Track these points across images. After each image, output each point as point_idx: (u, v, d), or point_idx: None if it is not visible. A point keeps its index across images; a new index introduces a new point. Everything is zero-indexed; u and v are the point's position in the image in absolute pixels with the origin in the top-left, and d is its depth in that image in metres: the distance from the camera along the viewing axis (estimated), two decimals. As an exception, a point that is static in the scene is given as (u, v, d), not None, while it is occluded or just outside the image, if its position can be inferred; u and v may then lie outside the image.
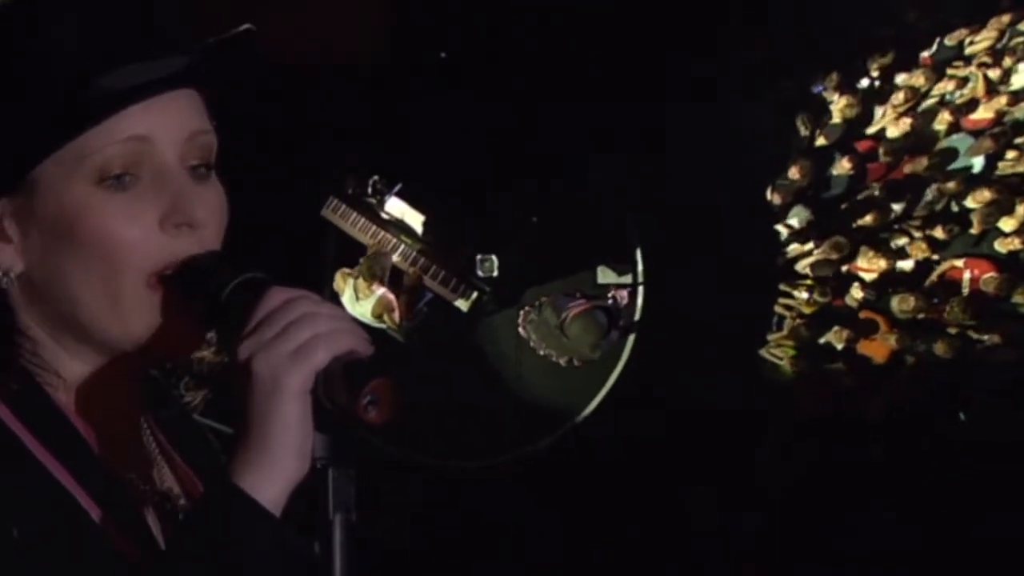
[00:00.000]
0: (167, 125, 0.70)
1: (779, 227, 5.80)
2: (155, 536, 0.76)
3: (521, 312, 4.27)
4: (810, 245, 5.81)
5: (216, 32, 0.71)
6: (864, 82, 5.79)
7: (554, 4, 4.84)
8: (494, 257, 4.21)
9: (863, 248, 5.73)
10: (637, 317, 4.97)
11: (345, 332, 0.65)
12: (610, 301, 3.94)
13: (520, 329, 4.43)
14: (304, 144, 3.98)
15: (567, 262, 4.75)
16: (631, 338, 5.08)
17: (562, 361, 4.64)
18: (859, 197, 5.80)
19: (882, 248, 5.70)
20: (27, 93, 0.67)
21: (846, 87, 5.62)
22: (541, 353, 4.60)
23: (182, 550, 0.65)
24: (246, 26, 0.72)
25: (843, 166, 5.66)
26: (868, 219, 5.67)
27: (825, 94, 5.67)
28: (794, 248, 5.82)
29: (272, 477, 0.63)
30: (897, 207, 5.78)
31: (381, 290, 4.00)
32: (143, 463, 0.83)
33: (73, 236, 0.68)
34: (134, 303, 0.70)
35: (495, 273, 4.26)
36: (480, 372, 5.23)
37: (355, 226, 4.26)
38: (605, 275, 5.08)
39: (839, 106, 5.60)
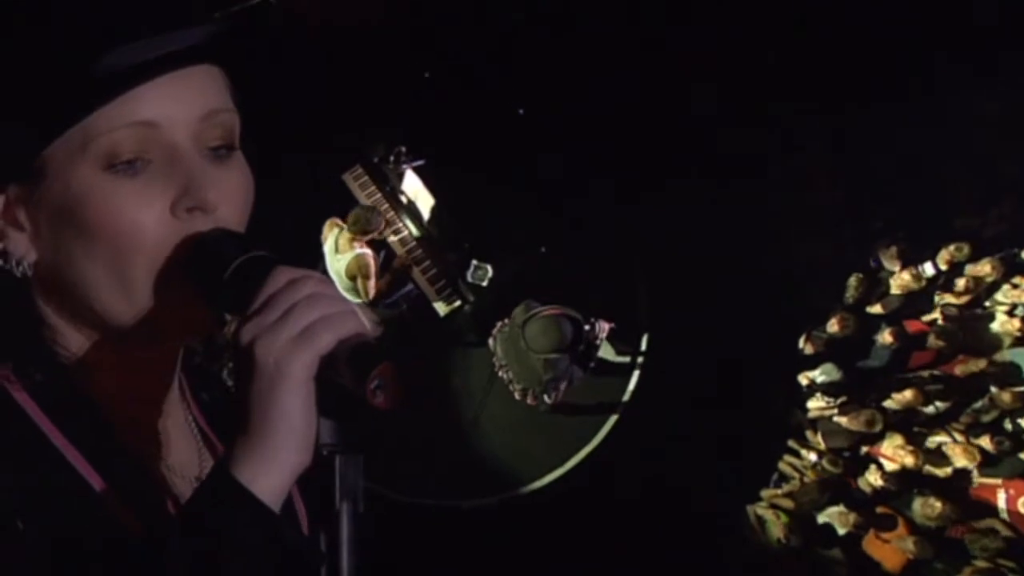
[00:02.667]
0: (179, 105, 0.67)
1: (802, 378, 5.33)
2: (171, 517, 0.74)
3: (498, 323, 4.00)
4: (833, 409, 5.26)
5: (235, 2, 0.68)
6: (929, 269, 5.49)
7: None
8: (489, 268, 4.06)
9: (891, 433, 5.12)
10: (626, 397, 4.55)
11: (351, 314, 0.63)
12: (588, 325, 3.58)
13: (490, 340, 4.13)
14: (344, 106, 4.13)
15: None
16: (608, 425, 4.63)
17: (517, 392, 4.21)
18: (899, 377, 5.28)
19: (916, 440, 5.07)
20: (32, 73, 0.65)
21: (908, 262, 5.33)
22: (500, 374, 4.22)
23: (175, 541, 0.61)
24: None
25: (886, 338, 5.24)
26: (905, 400, 5.11)
27: (885, 261, 5.41)
28: (814, 405, 5.28)
29: (271, 468, 0.61)
30: (941, 404, 5.20)
31: (362, 249, 3.89)
32: (181, 449, 0.81)
33: (81, 223, 0.66)
34: (146, 289, 0.68)
35: (485, 283, 4.09)
36: (439, 403, 4.87)
37: (369, 198, 4.28)
38: (603, 348, 4.77)
39: (900, 280, 5.29)
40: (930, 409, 5.20)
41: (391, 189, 4.25)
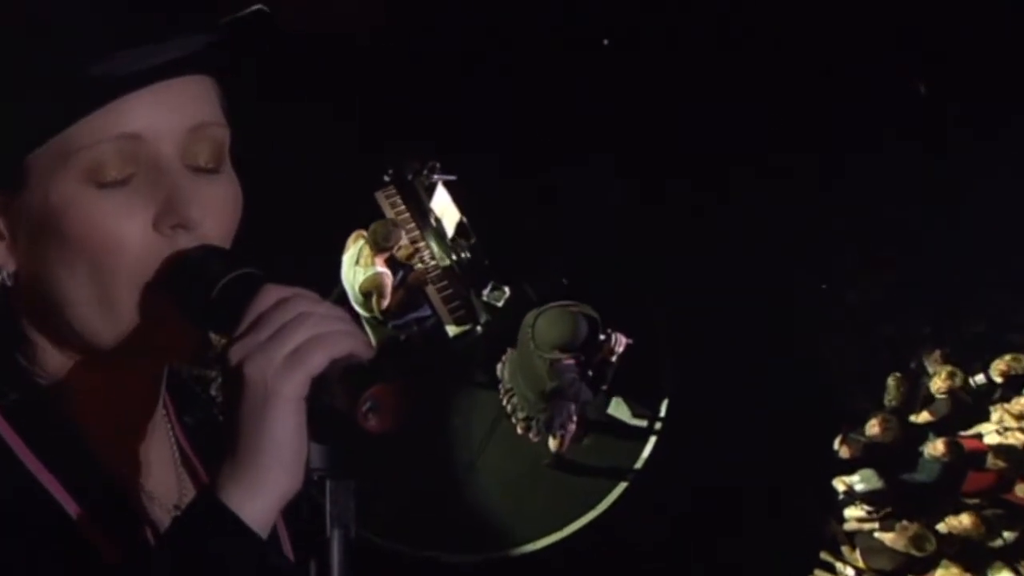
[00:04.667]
0: (166, 116, 0.65)
1: (838, 483, 4.78)
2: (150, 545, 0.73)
3: (509, 349, 3.75)
4: (874, 522, 4.65)
5: (231, 11, 0.68)
6: (981, 380, 5.07)
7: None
8: (507, 289, 3.91)
9: (946, 563, 4.45)
10: (639, 464, 4.14)
11: (344, 334, 0.60)
12: (604, 335, 3.25)
13: (498, 365, 3.83)
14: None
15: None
16: (616, 492, 4.19)
17: (520, 425, 3.81)
18: (953, 497, 4.68)
19: (974, 572, 4.38)
20: (16, 78, 0.63)
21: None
22: (503, 402, 3.86)
23: (158, 566, 0.61)
24: (258, 6, 0.68)
25: (937, 448, 4.72)
26: (962, 526, 4.48)
27: (928, 365, 5.03)
28: (852, 515, 4.68)
29: (260, 492, 0.59)
30: (1009, 534, 4.55)
31: (383, 268, 3.80)
32: (162, 475, 0.80)
33: (61, 235, 0.64)
34: (126, 307, 0.65)
35: (500, 304, 3.93)
36: (435, 441, 4.52)
37: (398, 216, 4.30)
38: (618, 407, 4.46)
39: (940, 382, 4.87)
40: (997, 542, 4.54)
41: (420, 208, 4.29)
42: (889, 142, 5.13)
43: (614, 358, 3.21)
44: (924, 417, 4.96)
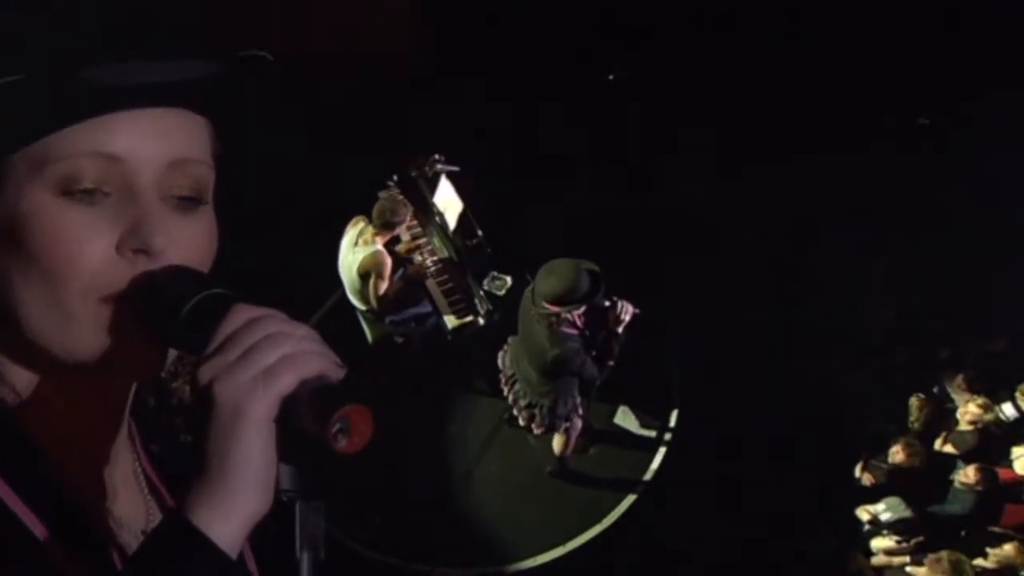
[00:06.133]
0: (149, 144, 0.64)
1: (862, 512, 4.44)
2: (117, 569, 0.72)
3: (510, 337, 3.53)
4: (904, 556, 4.28)
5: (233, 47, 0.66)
6: (1009, 411, 4.81)
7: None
8: (508, 279, 3.78)
9: (985, 597, 4.06)
10: (648, 476, 3.84)
11: (314, 354, 0.60)
12: (609, 302, 2.98)
13: (499, 354, 3.60)
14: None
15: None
16: (623, 506, 3.88)
17: (522, 416, 3.52)
18: (991, 529, 4.33)
19: (1019, 612, 3.98)
20: (4, 76, 0.61)
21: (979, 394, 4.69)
22: (504, 391, 3.58)
23: None
24: (261, 52, 0.67)
25: (968, 476, 4.40)
26: (1006, 556, 4.12)
27: (952, 392, 4.78)
28: (880, 545, 4.32)
29: (229, 513, 0.59)
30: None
31: (381, 246, 3.69)
32: (128, 500, 0.79)
33: (24, 243, 0.62)
34: (83, 321, 0.64)
35: (502, 293, 3.79)
36: (429, 449, 4.25)
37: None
38: (624, 417, 4.22)
39: (971, 413, 4.62)
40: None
41: (423, 205, 4.24)
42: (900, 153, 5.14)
43: (620, 329, 3.02)
44: (949, 448, 4.67)
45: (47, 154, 0.61)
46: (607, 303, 3.02)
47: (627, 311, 3.00)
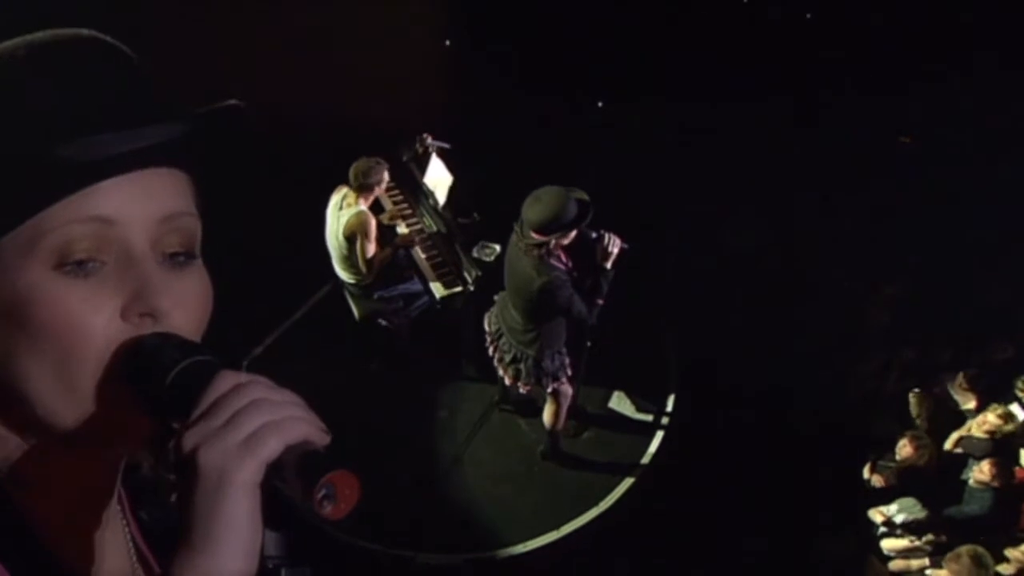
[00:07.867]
0: (138, 205, 0.65)
1: (875, 514, 4.19)
2: None
3: (495, 296, 3.40)
4: (923, 558, 4.00)
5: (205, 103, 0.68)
6: (1018, 412, 4.65)
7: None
8: (496, 247, 3.72)
9: (1014, 601, 3.78)
10: (646, 460, 3.63)
11: (299, 420, 0.61)
12: (597, 234, 2.93)
13: (485, 316, 3.45)
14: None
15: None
16: (620, 490, 3.67)
17: (507, 375, 3.33)
18: (1014, 530, 4.07)
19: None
20: None
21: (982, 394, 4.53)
22: (490, 352, 3.41)
23: None
24: (233, 101, 0.69)
25: (984, 472, 4.18)
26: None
27: (954, 393, 4.64)
28: (892, 546, 4.05)
29: None
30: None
31: (364, 207, 3.67)
32: (116, 567, 0.79)
33: (27, 323, 0.62)
34: (88, 394, 0.64)
35: (491, 259, 3.71)
36: (417, 436, 4.05)
37: (392, 199, 4.24)
38: (620, 402, 4.08)
39: (987, 422, 4.40)
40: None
41: (416, 191, 4.27)
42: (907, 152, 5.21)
43: (609, 264, 2.93)
44: (958, 451, 4.47)
45: (38, 229, 0.61)
46: (594, 235, 2.96)
47: (615, 244, 2.94)
